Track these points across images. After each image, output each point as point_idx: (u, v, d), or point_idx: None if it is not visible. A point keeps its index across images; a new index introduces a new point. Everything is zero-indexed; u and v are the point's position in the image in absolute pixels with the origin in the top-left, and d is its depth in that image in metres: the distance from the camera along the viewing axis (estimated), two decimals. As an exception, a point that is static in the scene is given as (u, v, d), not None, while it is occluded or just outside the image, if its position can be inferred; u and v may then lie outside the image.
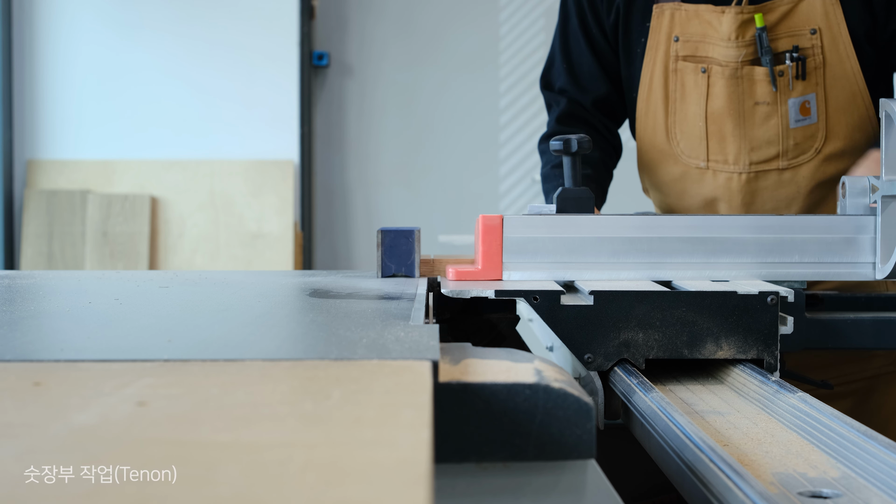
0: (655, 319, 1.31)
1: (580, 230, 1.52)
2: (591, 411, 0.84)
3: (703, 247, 1.52)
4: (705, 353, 1.32)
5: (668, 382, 1.31)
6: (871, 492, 0.89)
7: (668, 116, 2.07)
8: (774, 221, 1.53)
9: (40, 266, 4.61)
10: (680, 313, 1.31)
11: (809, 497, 0.88)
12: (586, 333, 1.31)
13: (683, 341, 1.31)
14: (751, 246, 1.52)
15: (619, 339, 1.31)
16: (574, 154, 1.57)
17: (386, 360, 0.86)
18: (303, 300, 1.38)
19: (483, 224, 1.51)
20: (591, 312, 1.31)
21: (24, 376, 0.81)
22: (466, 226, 4.93)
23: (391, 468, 0.58)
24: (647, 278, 1.50)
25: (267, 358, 0.88)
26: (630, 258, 1.51)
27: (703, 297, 1.32)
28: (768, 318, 1.32)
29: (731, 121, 2.01)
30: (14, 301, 1.37)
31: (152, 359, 0.87)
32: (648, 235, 1.52)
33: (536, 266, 1.51)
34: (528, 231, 1.51)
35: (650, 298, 1.32)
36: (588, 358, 1.31)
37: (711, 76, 2.01)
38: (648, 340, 1.31)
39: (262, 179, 4.69)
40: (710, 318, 1.31)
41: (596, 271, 1.51)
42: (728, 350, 1.32)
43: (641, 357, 1.31)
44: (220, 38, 4.70)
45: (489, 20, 5.03)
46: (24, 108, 4.71)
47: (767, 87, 1.98)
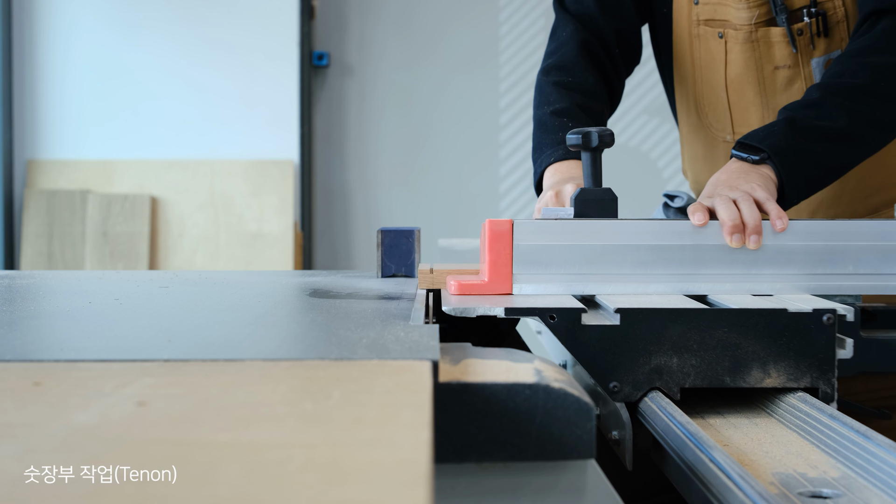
0: (692, 342, 1.15)
1: (602, 237, 1.35)
2: (591, 411, 0.84)
3: (742, 256, 1.35)
4: (750, 382, 1.16)
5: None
6: (871, 492, 0.89)
7: (696, 86, 1.92)
8: (825, 227, 1.36)
9: (40, 266, 4.61)
10: (721, 334, 1.15)
11: (809, 497, 0.88)
12: (612, 358, 1.15)
13: (725, 367, 1.15)
14: (797, 255, 1.35)
15: (650, 365, 1.15)
16: (595, 149, 1.40)
17: (386, 360, 0.86)
18: (303, 300, 1.38)
19: (490, 230, 1.34)
20: (618, 334, 1.15)
21: (24, 376, 0.81)
22: (466, 227, 4.92)
23: (391, 468, 0.58)
24: (679, 292, 1.34)
25: (267, 358, 0.88)
26: (659, 269, 1.35)
27: (748, 316, 1.16)
28: (824, 341, 1.16)
29: (751, 88, 1.85)
30: (14, 301, 1.37)
31: (152, 359, 0.87)
32: (680, 243, 1.35)
33: (551, 278, 1.34)
34: (541, 238, 1.34)
35: (686, 317, 1.16)
36: (614, 387, 1.15)
37: (728, 41, 1.84)
38: (684, 366, 1.15)
39: (262, 179, 4.69)
40: (755, 341, 1.15)
41: (620, 284, 1.34)
42: (777, 377, 1.16)
43: (676, 386, 1.15)
44: (220, 37, 4.70)
45: (489, 20, 5.02)
46: (24, 108, 4.71)
47: (786, 48, 1.80)
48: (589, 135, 1.39)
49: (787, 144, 1.52)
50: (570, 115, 1.80)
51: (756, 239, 1.34)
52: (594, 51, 1.89)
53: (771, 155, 1.51)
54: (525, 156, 5.02)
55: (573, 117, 1.80)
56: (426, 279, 1.47)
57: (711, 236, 1.35)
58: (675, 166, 4.96)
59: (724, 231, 1.35)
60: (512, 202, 5.05)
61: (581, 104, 1.82)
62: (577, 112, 1.81)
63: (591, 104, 1.84)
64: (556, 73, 1.88)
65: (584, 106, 1.82)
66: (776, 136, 1.53)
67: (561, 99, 1.83)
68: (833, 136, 1.56)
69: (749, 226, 1.35)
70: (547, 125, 1.82)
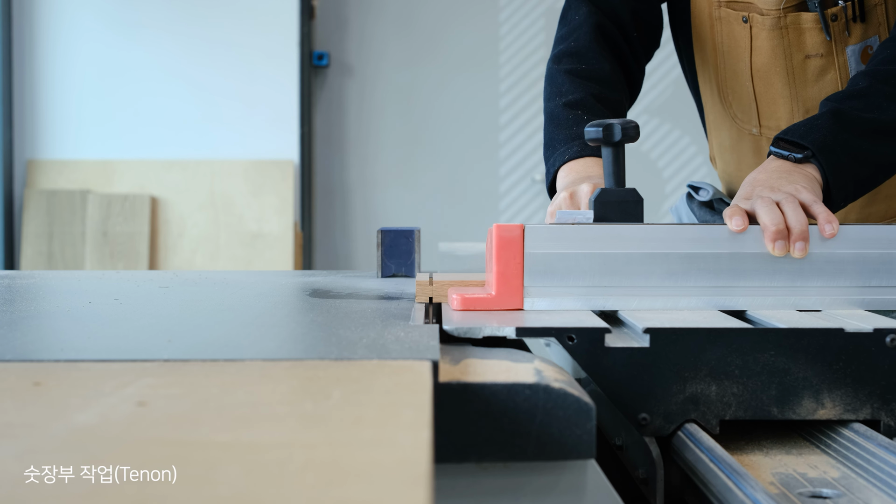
0: (734, 367, 1.01)
1: (625, 244, 1.19)
2: (592, 411, 0.84)
3: (786, 266, 1.20)
4: (801, 413, 1.01)
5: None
6: (871, 492, 0.89)
7: (718, 73, 1.76)
8: (880, 233, 1.21)
9: (40, 266, 4.61)
10: (767, 358, 1.01)
11: (809, 497, 0.88)
12: (641, 386, 1.01)
13: (772, 396, 1.01)
14: (849, 265, 1.20)
15: (684, 394, 1.01)
16: (617, 144, 1.25)
17: (386, 360, 0.86)
18: (303, 300, 1.38)
19: (498, 236, 1.18)
20: (648, 357, 1.00)
21: (24, 376, 0.81)
22: (467, 227, 4.93)
23: (391, 468, 0.58)
24: (714, 308, 1.20)
25: (267, 358, 0.88)
26: (691, 281, 1.19)
27: (799, 337, 1.01)
28: (887, 365, 1.01)
29: (779, 79, 1.69)
30: (14, 301, 1.37)
31: (152, 359, 0.87)
32: (715, 251, 1.20)
33: (567, 291, 1.18)
34: (556, 245, 1.18)
35: (727, 338, 1.01)
36: (643, 419, 1.01)
37: (753, 26, 1.68)
38: (724, 395, 1.01)
39: (262, 179, 4.69)
40: (807, 365, 1.01)
41: (646, 298, 1.19)
42: (832, 408, 1.01)
43: (715, 417, 1.01)
44: (219, 37, 4.70)
45: (489, 20, 5.02)
46: (24, 108, 4.71)
47: (819, 35, 1.64)
48: (611, 127, 1.25)
49: (832, 140, 1.38)
50: (584, 107, 1.64)
51: (802, 246, 1.20)
52: (610, 34, 1.72)
53: (815, 152, 1.36)
54: (525, 155, 5.02)
55: (588, 109, 1.63)
56: (424, 291, 1.29)
57: (750, 243, 1.20)
58: (676, 166, 4.96)
59: (766, 237, 1.20)
60: (512, 202, 5.05)
61: (597, 94, 1.65)
62: (593, 103, 1.64)
63: (608, 94, 1.67)
64: (568, 61, 1.70)
65: (601, 96, 1.66)
66: (820, 130, 1.39)
67: (574, 89, 1.66)
68: (883, 129, 1.41)
69: (794, 231, 1.20)
70: (559, 119, 1.65)
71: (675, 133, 4.93)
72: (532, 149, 5.00)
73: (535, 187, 5.04)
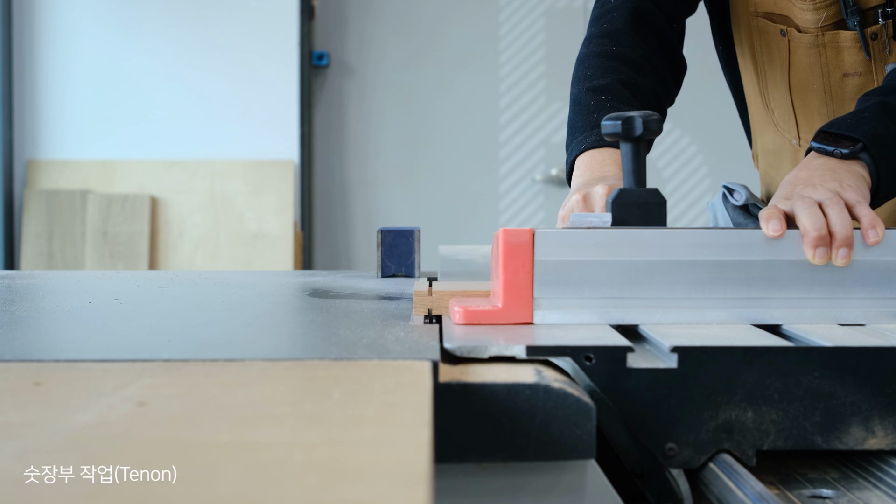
0: (773, 390, 0.90)
1: (647, 250, 1.08)
2: (592, 411, 0.84)
3: (826, 275, 1.09)
4: (849, 442, 0.91)
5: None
6: (872, 492, 0.89)
7: (759, 80, 1.70)
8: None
9: (40, 266, 4.61)
10: (810, 381, 0.90)
11: (809, 497, 0.88)
12: (668, 411, 0.90)
13: (816, 423, 0.90)
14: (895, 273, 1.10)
15: (717, 421, 0.90)
16: (637, 139, 1.12)
17: (386, 360, 0.86)
18: (303, 300, 1.38)
19: (505, 242, 1.06)
20: (676, 380, 0.90)
21: (24, 376, 0.81)
22: (466, 227, 4.93)
23: (391, 468, 0.58)
24: (746, 321, 1.09)
25: (267, 358, 0.88)
26: (720, 292, 1.08)
27: (847, 356, 0.91)
28: None
29: (816, 97, 1.64)
30: (14, 301, 1.37)
31: (152, 359, 0.87)
32: (747, 258, 1.08)
33: (582, 303, 1.07)
34: (570, 252, 1.07)
35: (765, 358, 0.91)
36: (670, 449, 0.91)
37: (792, 41, 1.61)
38: (762, 422, 0.90)
39: (262, 179, 4.69)
40: (856, 388, 0.90)
41: (670, 311, 1.08)
42: (884, 437, 0.91)
43: (751, 447, 0.90)
44: (219, 38, 4.70)
45: (489, 20, 5.02)
46: (24, 108, 4.71)
47: (858, 54, 1.58)
48: (631, 121, 1.11)
49: (884, 132, 1.27)
50: (610, 93, 1.51)
51: (846, 253, 1.09)
52: (650, 17, 1.59)
53: (867, 145, 1.26)
54: (525, 155, 5.02)
55: (614, 95, 1.51)
56: (423, 302, 1.17)
57: (787, 250, 1.09)
58: (676, 166, 4.96)
59: (806, 243, 1.09)
60: (512, 202, 5.05)
61: (625, 80, 1.53)
62: (621, 90, 1.51)
63: (639, 80, 1.54)
64: (599, 43, 1.58)
65: (630, 82, 1.53)
66: (869, 122, 1.28)
67: (602, 73, 1.53)
68: None
69: (838, 237, 1.09)
70: (582, 104, 1.51)
71: (676, 133, 4.93)
72: (532, 149, 5.00)
73: (536, 187, 5.04)
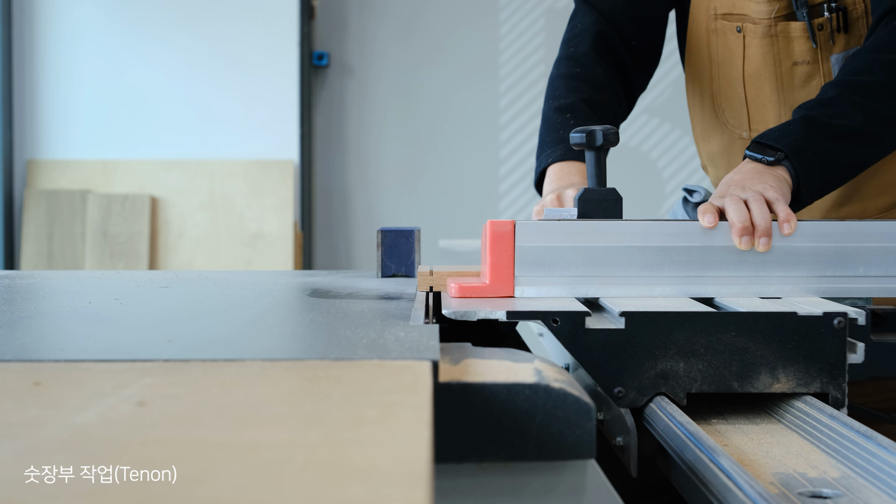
0: (700, 346, 1.13)
1: (606, 238, 1.32)
2: (592, 411, 0.84)
3: (750, 258, 1.32)
4: (759, 387, 1.13)
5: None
6: (871, 492, 0.89)
7: (713, 82, 1.90)
8: (834, 228, 1.33)
9: (40, 266, 4.61)
10: (729, 339, 1.13)
11: (809, 497, 0.88)
12: (617, 363, 1.13)
13: (733, 372, 1.13)
14: (807, 257, 1.32)
15: (655, 370, 1.13)
16: (599, 148, 1.38)
17: (386, 360, 0.86)
18: (303, 300, 1.38)
19: (492, 231, 1.31)
20: (623, 338, 1.13)
21: (24, 376, 0.81)
22: (466, 227, 4.93)
23: (391, 468, 0.58)
24: (685, 295, 1.32)
25: (267, 358, 0.88)
26: (665, 271, 1.32)
27: (757, 320, 1.13)
28: (835, 345, 1.13)
29: (769, 84, 1.83)
30: (14, 301, 1.37)
31: (152, 359, 0.87)
32: (686, 244, 1.32)
33: (554, 280, 1.31)
34: (544, 239, 1.31)
35: (693, 321, 1.13)
36: (619, 392, 1.13)
37: (746, 35, 1.82)
38: (691, 371, 1.13)
39: (262, 179, 4.69)
40: (764, 345, 1.13)
41: (624, 287, 1.31)
42: (786, 383, 1.13)
43: (682, 391, 1.13)
44: (219, 38, 4.70)
45: (489, 20, 5.02)
46: (24, 108, 4.71)
47: (806, 43, 1.78)
48: (593, 133, 1.37)
49: (803, 144, 1.49)
50: (574, 111, 1.76)
51: (766, 241, 1.32)
52: (610, 41, 1.84)
53: (788, 154, 1.48)
54: (525, 156, 5.03)
55: (577, 113, 1.76)
56: (426, 281, 1.45)
57: (719, 237, 1.32)
58: (675, 166, 4.96)
59: (733, 232, 1.32)
60: (512, 202, 5.05)
61: (587, 99, 1.78)
62: (583, 108, 1.77)
63: (599, 98, 1.79)
64: (566, 65, 1.84)
65: (591, 101, 1.78)
66: (792, 135, 1.50)
67: (567, 93, 1.79)
68: (850, 134, 1.53)
69: (759, 228, 1.32)
70: (550, 122, 1.78)
71: (676, 133, 4.92)
72: (532, 149, 5.00)
73: (535, 187, 5.04)
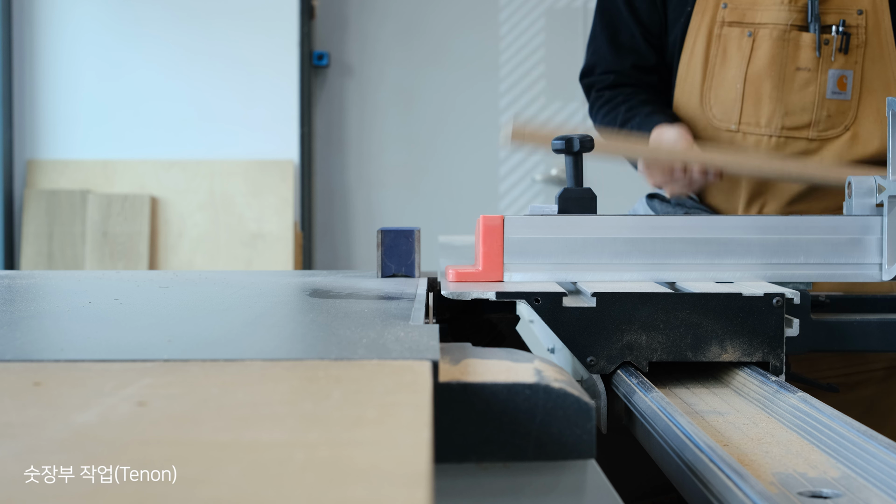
0: (659, 322, 1.30)
1: (582, 231, 1.50)
2: (592, 411, 0.84)
3: (706, 248, 1.50)
4: (710, 356, 1.30)
5: (671, 385, 1.30)
6: (871, 492, 0.89)
7: (705, 82, 2.13)
8: (779, 222, 1.51)
9: (40, 266, 4.61)
10: (684, 315, 1.30)
11: (809, 497, 0.88)
12: (589, 336, 1.30)
13: (688, 344, 1.30)
14: (755, 247, 1.50)
15: (622, 342, 1.29)
16: (577, 153, 1.57)
17: (386, 360, 0.86)
18: (303, 300, 1.38)
19: (483, 224, 1.50)
20: (594, 314, 1.30)
21: (24, 376, 0.81)
22: (466, 227, 4.92)
23: (391, 468, 0.58)
24: (651, 280, 1.49)
25: (267, 358, 0.88)
26: (633, 259, 1.50)
27: (708, 299, 1.31)
28: (774, 321, 1.30)
29: (771, 82, 2.07)
30: (14, 301, 1.37)
31: (152, 359, 0.87)
32: (651, 236, 1.50)
33: (538, 267, 1.49)
34: (529, 232, 1.49)
35: (654, 300, 1.31)
36: (591, 361, 1.29)
37: (757, 38, 2.07)
38: (652, 343, 1.30)
39: (262, 179, 4.69)
40: (714, 321, 1.30)
41: (598, 272, 1.49)
42: (733, 353, 1.30)
43: (645, 360, 1.30)
44: (219, 38, 4.70)
45: (489, 20, 5.02)
46: (24, 108, 4.71)
47: (811, 53, 2.05)
48: (571, 140, 1.55)
49: None
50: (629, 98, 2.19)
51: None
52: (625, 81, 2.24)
53: None
54: (525, 156, 5.03)
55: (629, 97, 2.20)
56: None
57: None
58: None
59: None
60: (512, 202, 5.05)
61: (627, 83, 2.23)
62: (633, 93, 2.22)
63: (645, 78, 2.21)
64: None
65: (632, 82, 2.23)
66: None
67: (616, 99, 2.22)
68: None
69: None
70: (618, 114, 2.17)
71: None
72: (532, 149, 5.00)
73: (535, 187, 5.05)
